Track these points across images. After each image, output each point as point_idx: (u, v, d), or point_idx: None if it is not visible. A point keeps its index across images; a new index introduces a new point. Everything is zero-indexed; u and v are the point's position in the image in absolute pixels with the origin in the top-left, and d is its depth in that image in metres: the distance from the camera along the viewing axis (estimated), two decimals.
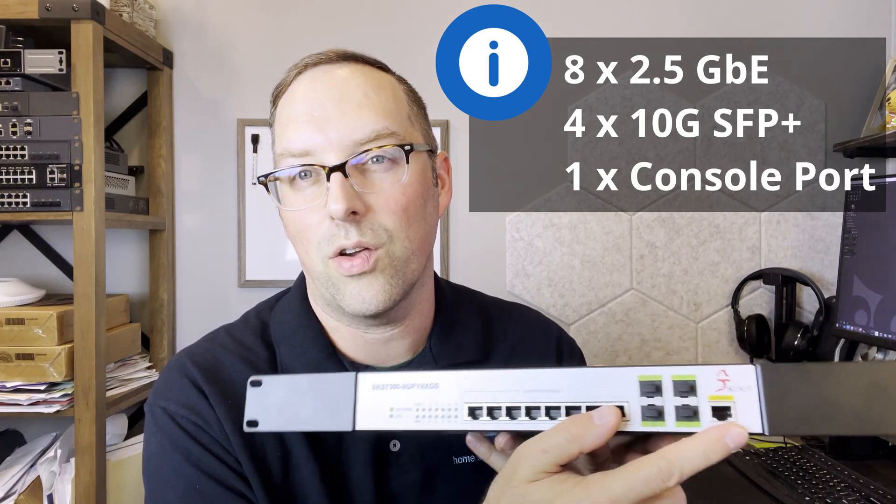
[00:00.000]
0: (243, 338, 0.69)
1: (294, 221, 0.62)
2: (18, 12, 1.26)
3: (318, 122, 0.60)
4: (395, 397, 0.48)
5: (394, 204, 0.60)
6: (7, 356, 1.26)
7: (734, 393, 0.41)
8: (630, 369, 0.44)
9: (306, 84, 0.62)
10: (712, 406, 0.42)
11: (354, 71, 0.63)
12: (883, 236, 1.32)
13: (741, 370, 0.41)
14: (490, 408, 0.46)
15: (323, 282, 0.62)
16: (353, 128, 0.59)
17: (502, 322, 0.76)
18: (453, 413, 0.47)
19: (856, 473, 1.11)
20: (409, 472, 0.65)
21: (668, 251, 1.65)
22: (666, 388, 0.43)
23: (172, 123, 1.64)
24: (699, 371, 0.42)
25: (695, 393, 0.42)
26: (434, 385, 0.48)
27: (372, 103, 0.61)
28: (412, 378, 0.48)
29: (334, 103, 0.60)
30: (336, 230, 0.59)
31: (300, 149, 0.60)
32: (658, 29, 1.64)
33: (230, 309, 1.64)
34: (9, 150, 1.28)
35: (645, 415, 0.43)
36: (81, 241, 1.27)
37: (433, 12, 1.65)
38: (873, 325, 1.33)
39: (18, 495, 1.31)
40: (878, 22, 1.64)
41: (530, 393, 0.45)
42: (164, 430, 0.63)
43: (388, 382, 0.48)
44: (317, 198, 0.60)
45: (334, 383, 0.49)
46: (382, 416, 0.48)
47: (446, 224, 1.64)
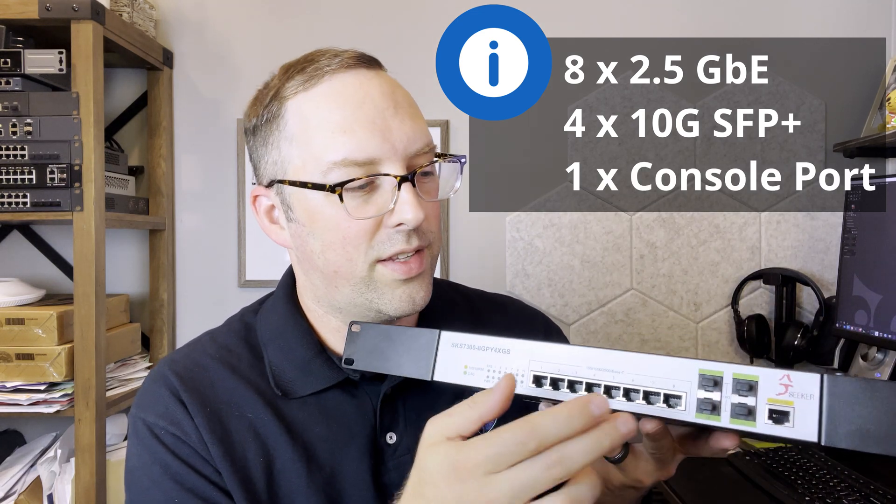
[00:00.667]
0: (226, 341, 0.69)
1: (343, 228, 0.61)
2: (18, 12, 1.26)
3: (382, 131, 0.60)
4: (471, 356, 0.52)
5: (437, 211, 0.65)
6: (7, 356, 1.26)
7: (795, 399, 0.41)
8: (693, 361, 0.45)
9: (352, 86, 0.61)
10: (770, 409, 0.42)
11: (389, 78, 0.65)
12: (883, 236, 1.32)
13: (806, 378, 0.41)
14: (554, 378, 0.49)
15: (360, 288, 0.63)
16: (412, 138, 0.61)
17: (488, 312, 0.78)
18: (520, 378, 0.50)
19: (856, 473, 1.11)
20: (407, 463, 0.65)
21: (668, 251, 1.65)
22: (726, 384, 0.43)
23: (172, 123, 1.64)
24: (762, 372, 0.43)
25: (754, 393, 0.42)
26: (506, 350, 0.51)
27: (417, 114, 0.64)
28: (487, 342, 0.52)
29: (392, 112, 0.61)
30: (396, 236, 0.61)
31: (367, 157, 0.59)
32: (658, 29, 1.64)
33: (230, 309, 1.62)
34: (9, 150, 1.28)
35: (700, 407, 0.44)
36: (81, 241, 1.27)
37: (433, 12, 1.65)
38: (873, 325, 1.33)
39: (18, 495, 1.31)
40: (878, 22, 1.64)
41: (593, 370, 0.47)
42: (144, 442, 0.63)
43: (465, 342, 0.53)
44: (378, 207, 0.60)
45: (420, 337, 0.55)
46: (457, 371, 0.53)
47: (446, 224, 1.64)
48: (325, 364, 0.66)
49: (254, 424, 0.63)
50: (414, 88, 0.69)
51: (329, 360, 0.67)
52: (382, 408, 0.65)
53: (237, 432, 0.63)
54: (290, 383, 0.65)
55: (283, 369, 0.66)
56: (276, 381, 0.65)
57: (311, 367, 0.66)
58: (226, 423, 0.63)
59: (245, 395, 0.64)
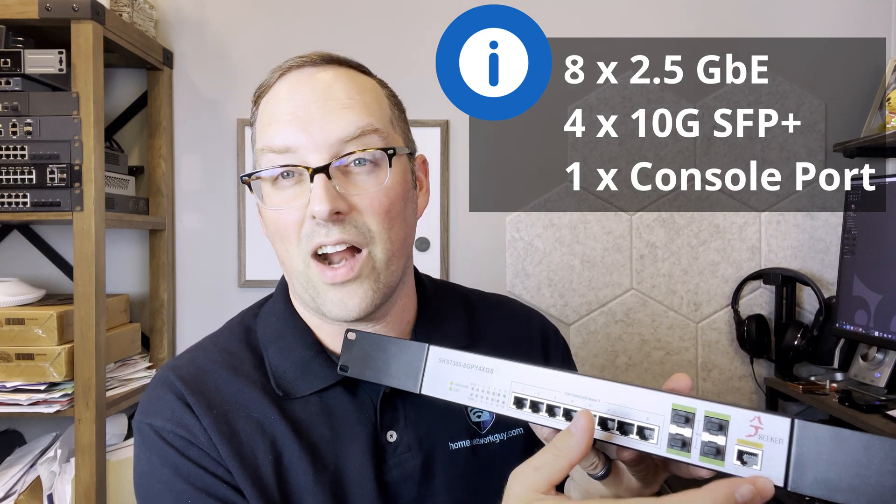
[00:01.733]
0: (227, 344, 0.69)
1: (275, 220, 0.63)
2: (18, 12, 1.26)
3: (303, 122, 0.61)
4: (457, 373, 0.54)
5: (377, 205, 0.62)
6: (7, 356, 1.26)
7: (764, 442, 0.41)
8: (666, 395, 0.45)
9: (290, 85, 0.63)
10: (739, 449, 0.42)
11: (338, 74, 0.64)
12: (883, 236, 1.32)
13: (776, 422, 0.41)
14: (533, 402, 0.50)
15: (302, 282, 0.63)
16: (337, 126, 0.61)
17: (485, 311, 0.78)
18: (501, 399, 0.52)
19: None
20: (408, 461, 0.65)
21: (668, 251, 1.65)
22: (697, 420, 0.44)
23: (172, 123, 1.64)
24: (734, 412, 0.43)
25: (725, 433, 0.42)
26: (490, 370, 0.53)
27: (356, 104, 0.62)
28: (473, 360, 0.54)
29: (319, 105, 0.61)
30: (317, 228, 0.60)
31: (282, 145, 0.61)
32: (658, 29, 1.64)
33: (230, 309, 1.63)
34: (9, 150, 1.28)
35: (671, 442, 0.44)
36: (81, 241, 1.27)
37: (433, 12, 1.65)
38: (873, 325, 1.33)
39: (18, 495, 1.31)
40: (878, 22, 1.64)
41: (571, 397, 0.49)
42: (153, 447, 0.63)
43: (452, 359, 0.55)
44: (299, 197, 0.61)
45: (410, 350, 0.57)
46: (444, 387, 0.55)
47: (446, 224, 1.64)
48: (325, 363, 0.66)
49: (261, 424, 0.63)
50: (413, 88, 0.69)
51: (328, 360, 0.67)
52: (382, 406, 0.66)
53: (244, 432, 0.63)
54: (291, 384, 0.65)
55: (284, 370, 0.66)
56: (277, 381, 0.65)
57: (311, 366, 0.66)
58: (233, 424, 0.63)
59: (250, 396, 0.64)
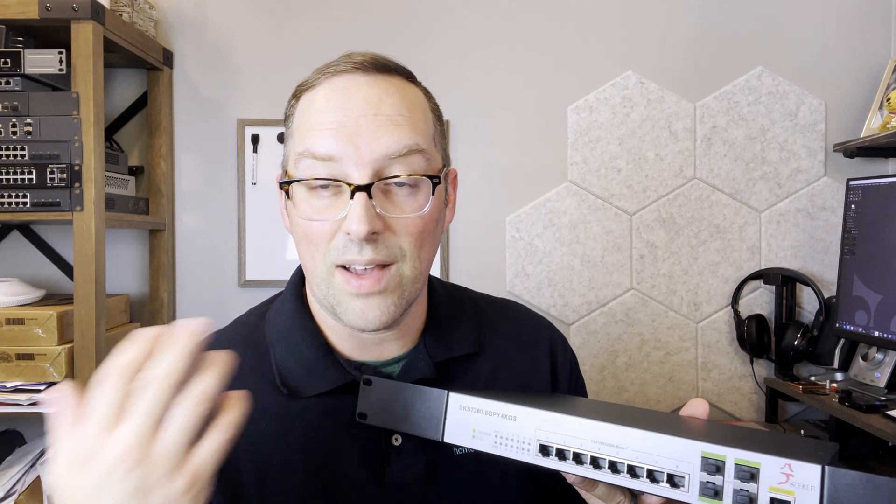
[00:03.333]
0: (227, 344, 0.68)
1: (304, 226, 0.61)
2: (18, 12, 1.26)
3: (349, 134, 0.59)
4: (479, 421, 0.54)
5: (413, 227, 0.61)
6: (7, 356, 1.26)
7: (796, 489, 0.41)
8: (696, 444, 0.45)
9: (340, 91, 0.61)
10: (771, 497, 0.42)
11: (390, 86, 0.62)
12: (883, 236, 1.32)
13: (807, 468, 0.41)
14: (560, 449, 0.50)
15: (323, 288, 0.62)
16: (385, 143, 0.59)
17: (494, 316, 0.77)
18: (526, 447, 0.51)
19: None
20: (413, 464, 0.65)
21: (668, 251, 1.65)
22: (728, 468, 0.44)
23: (172, 123, 1.64)
24: (764, 460, 0.43)
25: (756, 481, 0.43)
26: (513, 417, 0.52)
27: (405, 121, 0.61)
28: (494, 407, 0.54)
29: (368, 118, 0.59)
30: (349, 244, 0.59)
31: (325, 153, 0.59)
32: (658, 29, 1.64)
33: (230, 309, 1.64)
34: (9, 150, 1.28)
35: (703, 490, 0.44)
36: (81, 241, 1.27)
37: (433, 12, 1.65)
38: (873, 325, 1.33)
39: (18, 495, 1.31)
40: (878, 22, 1.64)
41: (597, 444, 0.48)
42: None
43: (473, 406, 0.55)
44: (337, 211, 0.59)
45: (429, 397, 0.57)
46: (466, 435, 0.54)
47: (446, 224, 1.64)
48: (332, 365, 0.65)
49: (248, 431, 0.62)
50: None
51: (335, 362, 0.66)
52: None
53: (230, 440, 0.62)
54: (297, 384, 0.65)
55: (291, 369, 0.65)
56: (284, 380, 0.65)
57: (318, 368, 0.65)
58: None
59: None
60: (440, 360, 0.68)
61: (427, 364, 0.67)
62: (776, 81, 1.63)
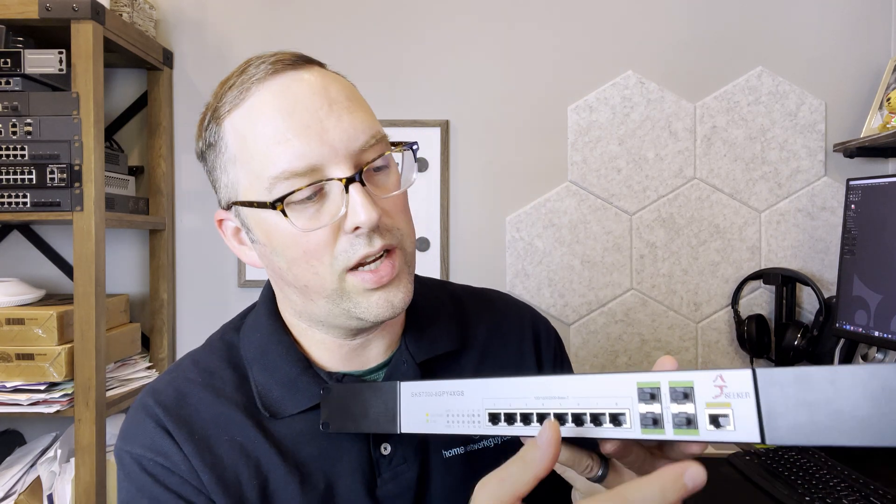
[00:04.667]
0: (208, 364, 0.67)
1: (298, 244, 0.58)
2: (18, 12, 1.27)
3: (318, 134, 0.56)
4: (430, 404, 0.53)
5: (402, 204, 0.61)
6: (7, 356, 1.26)
7: (731, 400, 0.39)
8: (630, 375, 0.44)
9: (279, 94, 0.58)
10: (710, 414, 0.40)
11: (322, 74, 0.60)
12: (883, 236, 1.32)
13: (737, 375, 0.39)
14: (507, 414, 0.49)
15: (335, 299, 0.60)
16: (352, 135, 0.57)
17: (475, 308, 0.76)
18: (476, 419, 0.50)
19: (856, 473, 1.11)
20: (404, 472, 0.64)
21: (668, 251, 1.65)
22: (664, 394, 0.42)
23: (172, 123, 1.64)
24: (696, 377, 0.41)
25: (692, 400, 0.41)
26: (460, 392, 0.51)
27: (357, 107, 0.59)
28: (442, 387, 0.53)
29: (326, 111, 0.57)
30: (356, 240, 0.57)
31: (306, 165, 0.56)
32: (658, 29, 1.64)
33: (230, 309, 1.64)
34: (9, 150, 1.28)
35: (643, 422, 0.42)
36: (81, 241, 1.27)
37: (433, 12, 1.65)
38: (873, 325, 1.33)
39: (18, 495, 1.31)
40: (878, 22, 1.64)
41: (541, 400, 0.47)
42: (132, 476, 0.61)
43: (423, 391, 0.54)
44: (331, 214, 0.57)
45: (384, 391, 0.56)
46: (421, 420, 0.53)
47: (446, 224, 1.64)
48: (312, 381, 0.64)
49: (244, 448, 0.61)
50: (414, 88, 0.68)
51: (316, 377, 0.64)
52: None
53: (228, 457, 0.61)
54: (278, 403, 0.63)
55: (270, 389, 0.64)
56: (263, 401, 0.63)
57: (298, 384, 0.64)
58: (215, 450, 0.61)
59: (233, 418, 0.62)
60: (423, 360, 0.67)
61: (410, 366, 0.66)
62: (776, 81, 1.63)
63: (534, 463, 0.41)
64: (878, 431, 0.35)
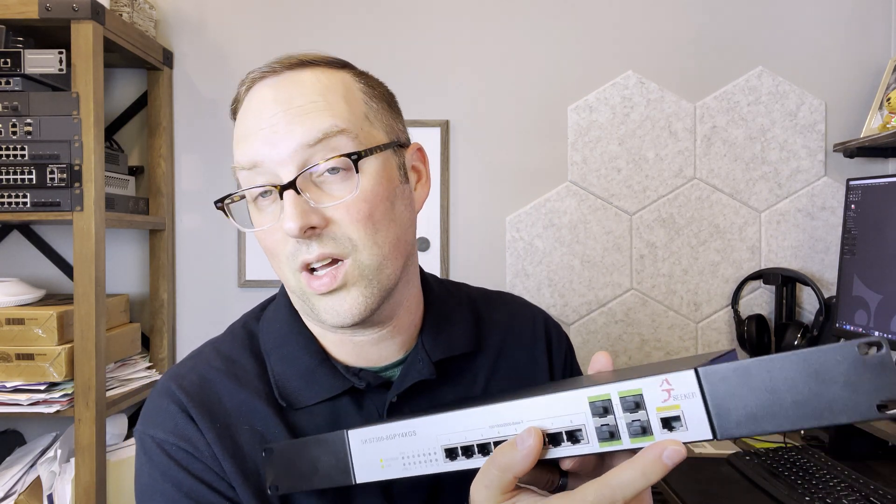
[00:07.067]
0: (230, 352, 0.67)
1: (262, 240, 0.62)
2: (18, 12, 1.27)
3: (267, 135, 0.58)
4: (383, 448, 0.51)
5: (356, 213, 0.58)
6: (7, 356, 1.26)
7: (680, 402, 0.40)
8: (581, 391, 0.44)
9: (255, 99, 0.61)
10: (661, 418, 0.41)
11: (302, 78, 0.61)
12: (883, 236, 1.32)
13: (681, 377, 0.40)
14: (464, 447, 0.48)
15: (298, 295, 0.62)
16: (298, 134, 0.57)
17: (490, 311, 0.76)
18: (433, 457, 0.49)
19: (856, 473, 1.11)
20: (420, 480, 0.64)
21: (668, 251, 1.65)
22: (615, 405, 0.42)
23: (172, 123, 1.64)
24: (643, 384, 0.41)
25: (643, 407, 0.41)
26: (412, 433, 0.50)
27: (318, 107, 0.59)
28: (393, 429, 0.51)
29: (282, 115, 0.58)
30: (299, 246, 0.58)
31: (249, 161, 0.59)
32: (658, 29, 1.64)
33: (230, 309, 1.64)
34: (9, 150, 1.28)
35: (601, 436, 0.43)
36: (81, 241, 1.27)
37: (433, 12, 1.65)
38: (873, 325, 1.33)
39: (18, 495, 1.31)
40: (878, 22, 1.64)
41: (496, 428, 0.47)
42: (154, 459, 0.62)
43: (373, 436, 0.52)
44: (277, 216, 0.59)
45: (331, 443, 0.54)
46: (375, 467, 0.52)
47: (446, 224, 1.64)
48: (330, 373, 0.65)
49: (265, 437, 0.62)
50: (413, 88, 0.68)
51: (333, 369, 0.65)
52: (390, 415, 0.64)
53: (248, 445, 0.62)
54: (295, 393, 0.64)
55: (288, 379, 0.64)
56: (281, 391, 0.64)
57: (316, 376, 0.64)
58: (236, 437, 0.62)
59: (254, 407, 0.63)
60: (439, 359, 0.67)
61: (426, 364, 0.66)
62: (776, 81, 1.63)
63: (513, 467, 0.44)
64: (815, 412, 0.37)
